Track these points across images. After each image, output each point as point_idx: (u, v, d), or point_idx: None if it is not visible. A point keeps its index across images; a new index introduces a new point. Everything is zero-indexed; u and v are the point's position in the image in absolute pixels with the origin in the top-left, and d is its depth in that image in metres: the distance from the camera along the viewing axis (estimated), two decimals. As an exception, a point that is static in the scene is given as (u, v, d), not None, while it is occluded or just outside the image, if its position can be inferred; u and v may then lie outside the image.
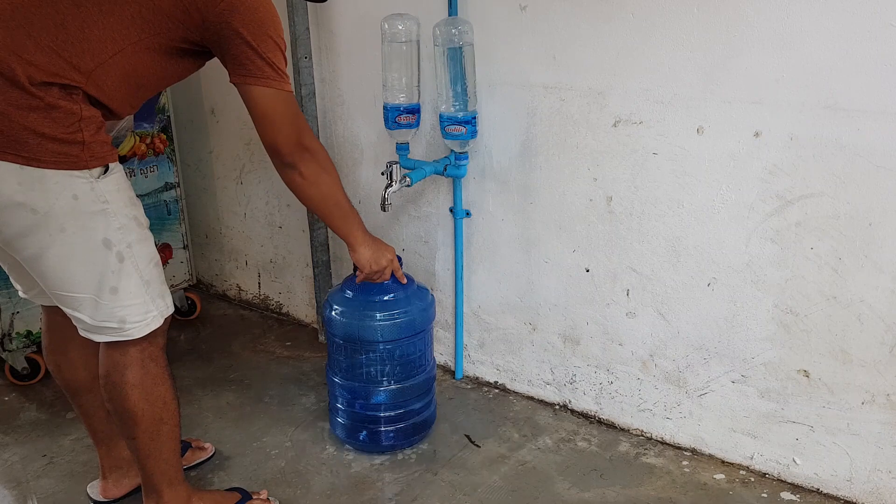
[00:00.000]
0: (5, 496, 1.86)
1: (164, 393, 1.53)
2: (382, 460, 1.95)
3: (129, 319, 1.44)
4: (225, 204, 2.82)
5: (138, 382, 1.49)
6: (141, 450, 1.54)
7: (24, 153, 1.28)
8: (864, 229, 1.57)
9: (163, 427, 1.54)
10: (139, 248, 1.44)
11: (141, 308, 1.45)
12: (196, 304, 2.78)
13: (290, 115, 1.50)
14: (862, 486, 1.73)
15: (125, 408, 1.50)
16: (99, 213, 1.37)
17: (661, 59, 1.70)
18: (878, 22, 1.45)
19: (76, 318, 1.45)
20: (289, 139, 1.51)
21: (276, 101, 1.46)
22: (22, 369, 2.32)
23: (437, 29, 1.89)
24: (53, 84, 1.28)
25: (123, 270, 1.41)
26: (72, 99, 1.30)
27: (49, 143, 1.29)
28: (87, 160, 1.33)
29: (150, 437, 1.53)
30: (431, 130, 2.12)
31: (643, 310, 1.92)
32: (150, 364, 1.50)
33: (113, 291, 1.41)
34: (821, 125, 1.56)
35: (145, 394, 1.50)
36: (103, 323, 1.44)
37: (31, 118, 1.27)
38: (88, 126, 1.33)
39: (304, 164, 1.55)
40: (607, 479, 1.86)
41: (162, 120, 2.53)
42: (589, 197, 1.91)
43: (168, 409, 1.54)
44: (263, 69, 1.42)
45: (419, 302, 1.92)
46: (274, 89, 1.44)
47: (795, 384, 1.75)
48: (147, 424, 1.52)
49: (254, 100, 1.45)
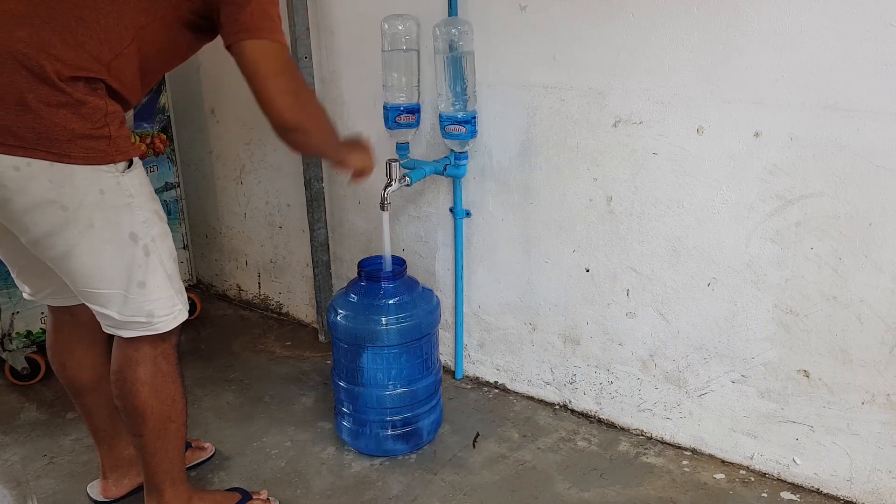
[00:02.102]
0: (5, 496, 1.86)
1: (173, 391, 1.53)
2: (382, 460, 1.95)
3: (157, 313, 1.45)
4: (225, 204, 2.82)
5: (149, 380, 1.49)
6: (147, 447, 1.55)
7: (54, 150, 1.28)
8: (864, 229, 1.57)
9: (170, 426, 1.54)
10: (162, 242, 1.45)
11: (168, 302, 1.46)
12: (196, 304, 2.78)
13: (286, 67, 1.39)
14: (862, 486, 1.73)
15: (134, 405, 1.50)
16: (124, 206, 1.37)
17: (661, 59, 1.70)
18: (878, 22, 1.45)
19: (103, 314, 1.45)
20: (285, 97, 1.38)
21: (271, 53, 1.36)
22: (22, 369, 2.32)
23: (437, 29, 1.89)
24: (80, 79, 1.28)
25: (150, 264, 1.42)
26: (97, 94, 1.31)
27: (79, 139, 1.29)
28: (114, 154, 1.34)
29: (156, 435, 1.53)
30: (431, 130, 2.12)
31: (643, 310, 1.92)
32: (161, 361, 1.51)
33: (141, 286, 1.42)
34: (821, 125, 1.56)
35: (155, 391, 1.50)
36: (132, 318, 1.44)
37: (62, 114, 1.27)
38: (113, 121, 1.34)
39: (306, 121, 1.43)
40: (607, 478, 1.86)
41: (162, 120, 2.53)
42: (589, 197, 1.91)
43: (176, 407, 1.54)
44: (256, 20, 1.34)
45: (425, 305, 1.91)
46: (268, 41, 1.35)
47: (795, 384, 1.75)
48: (155, 422, 1.52)
49: (246, 57, 1.35)
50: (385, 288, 1.88)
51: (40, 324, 2.32)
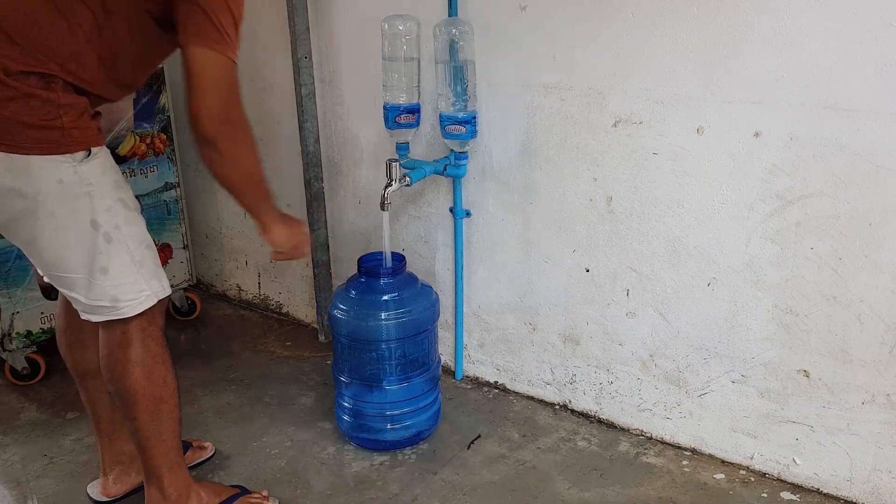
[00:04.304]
0: (5, 496, 1.86)
1: (164, 372, 1.55)
2: (382, 460, 1.95)
3: (121, 297, 1.47)
4: (225, 204, 2.82)
5: (140, 360, 1.51)
6: (141, 431, 1.56)
7: (6, 141, 1.33)
8: (864, 229, 1.57)
9: (163, 406, 1.56)
10: (128, 229, 1.47)
11: (133, 287, 1.48)
12: (196, 304, 2.77)
13: (224, 84, 1.38)
14: (862, 486, 1.73)
15: (126, 385, 1.52)
16: (84, 195, 1.40)
17: (661, 59, 1.71)
18: (878, 22, 1.45)
19: (73, 298, 1.49)
20: (212, 110, 1.37)
21: (213, 65, 1.36)
22: (22, 369, 2.32)
23: (437, 29, 1.89)
24: (32, 73, 1.32)
25: (112, 251, 1.44)
26: (50, 88, 1.34)
27: (29, 131, 1.33)
28: (68, 144, 1.37)
29: (150, 416, 1.55)
30: (431, 130, 2.12)
31: (643, 310, 1.92)
32: (150, 343, 1.53)
33: (103, 271, 1.45)
34: (821, 125, 1.56)
35: (146, 371, 1.52)
36: (97, 302, 1.47)
37: (11, 108, 1.32)
38: (68, 112, 1.36)
39: (224, 140, 1.40)
40: (607, 478, 1.86)
41: (162, 120, 2.53)
42: (589, 197, 1.91)
43: (168, 388, 1.56)
44: (208, 30, 1.34)
45: (424, 300, 1.94)
46: (215, 52, 1.34)
47: (795, 384, 1.75)
48: (147, 403, 1.54)
49: (189, 61, 1.35)
50: (384, 284, 1.91)
51: (40, 324, 2.32)
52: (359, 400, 1.94)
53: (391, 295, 1.90)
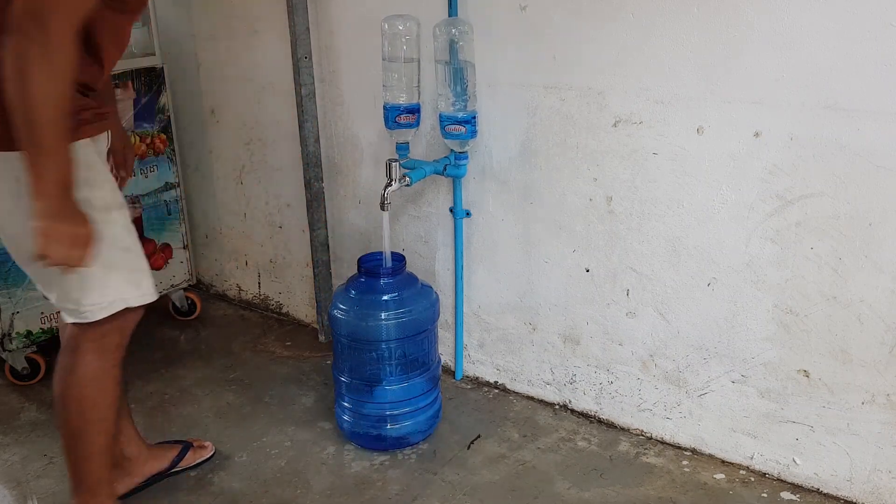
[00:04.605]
0: (5, 496, 1.86)
1: (97, 394, 1.49)
2: (382, 460, 1.95)
3: (83, 301, 1.43)
4: (225, 204, 2.82)
5: (85, 373, 1.48)
6: (67, 444, 1.53)
7: None
8: (864, 229, 1.57)
9: (89, 428, 1.51)
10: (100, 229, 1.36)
11: (98, 292, 1.43)
12: (196, 304, 2.77)
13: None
14: (862, 486, 1.73)
15: (59, 391, 1.50)
16: None
17: (661, 58, 1.70)
18: (878, 22, 1.45)
19: (47, 295, 1.47)
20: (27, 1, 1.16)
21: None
22: (22, 369, 2.32)
23: (437, 29, 1.89)
24: None
25: None
26: None
27: None
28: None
29: (78, 433, 1.51)
30: (431, 130, 2.12)
31: (643, 310, 1.92)
32: (105, 355, 1.49)
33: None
34: (821, 125, 1.56)
35: (90, 385, 1.48)
36: (61, 303, 1.45)
37: None
38: None
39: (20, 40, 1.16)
40: (607, 478, 1.86)
41: (162, 120, 2.53)
42: (589, 197, 1.91)
43: (97, 411, 1.50)
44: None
45: (424, 300, 1.94)
46: None
47: (795, 384, 1.75)
48: (79, 420, 1.50)
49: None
50: (384, 284, 1.91)
51: (40, 324, 2.32)
52: (359, 400, 1.95)
53: (391, 295, 1.90)
